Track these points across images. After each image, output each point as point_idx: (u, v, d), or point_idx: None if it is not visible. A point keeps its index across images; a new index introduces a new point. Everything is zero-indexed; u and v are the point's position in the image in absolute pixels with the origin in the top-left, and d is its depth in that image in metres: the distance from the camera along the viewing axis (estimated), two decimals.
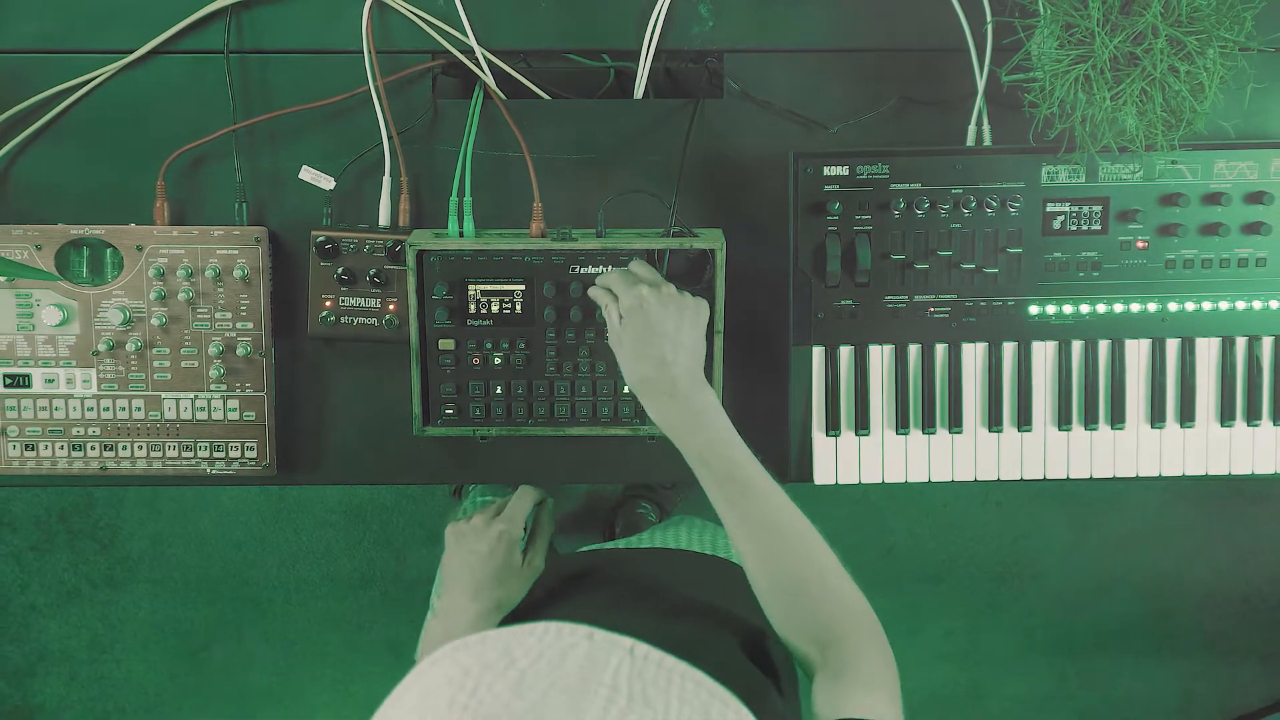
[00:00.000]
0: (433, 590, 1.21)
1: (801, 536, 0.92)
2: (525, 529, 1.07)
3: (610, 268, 1.11)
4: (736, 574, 1.16)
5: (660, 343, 0.96)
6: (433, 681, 0.56)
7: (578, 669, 0.55)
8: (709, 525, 1.37)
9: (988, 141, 1.14)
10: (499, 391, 1.14)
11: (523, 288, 1.12)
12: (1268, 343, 1.16)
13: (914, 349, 1.15)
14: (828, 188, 1.12)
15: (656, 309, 0.97)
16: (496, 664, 0.55)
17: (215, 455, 1.15)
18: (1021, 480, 1.17)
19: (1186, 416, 1.16)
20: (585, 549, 1.26)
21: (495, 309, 1.12)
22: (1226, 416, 1.17)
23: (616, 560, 1.17)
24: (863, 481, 1.17)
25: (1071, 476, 1.17)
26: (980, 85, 1.13)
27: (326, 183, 1.14)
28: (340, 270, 1.12)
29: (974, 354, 1.16)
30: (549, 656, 0.56)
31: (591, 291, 1.05)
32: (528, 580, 1.05)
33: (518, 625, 0.59)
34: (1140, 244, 1.13)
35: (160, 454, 1.15)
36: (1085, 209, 1.13)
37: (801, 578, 0.91)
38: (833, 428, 1.16)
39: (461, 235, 1.11)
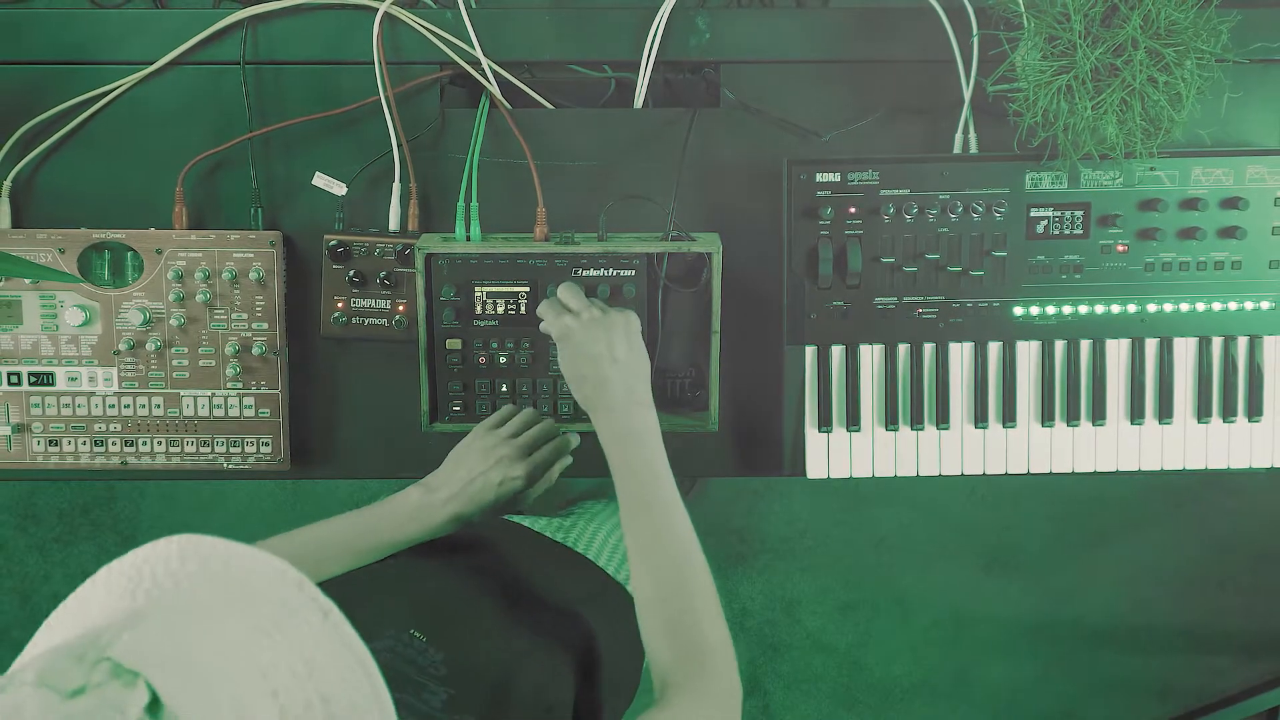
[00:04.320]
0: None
1: (686, 572, 0.89)
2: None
3: (611, 270, 1.11)
4: (624, 610, 1.12)
5: (594, 364, 0.97)
6: (158, 553, 0.56)
7: (269, 611, 0.54)
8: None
9: (974, 149, 1.14)
10: (504, 389, 1.14)
11: (527, 289, 1.12)
12: (1243, 342, 1.16)
13: (903, 348, 1.15)
14: (820, 193, 1.12)
15: (581, 335, 0.98)
16: (209, 568, 0.55)
17: (231, 450, 1.15)
18: (1006, 474, 1.17)
19: (1165, 413, 1.17)
20: (507, 518, 1.21)
21: (500, 310, 1.12)
22: (1203, 413, 1.17)
23: (521, 544, 1.12)
24: (854, 475, 1.17)
25: (1054, 471, 1.17)
26: (967, 95, 1.13)
27: (338, 188, 1.14)
28: (351, 273, 1.12)
29: (961, 353, 1.16)
30: (253, 585, 0.55)
31: (541, 328, 1.04)
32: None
33: (253, 546, 0.57)
34: (1120, 247, 1.13)
35: (179, 449, 1.15)
36: (1067, 214, 1.13)
37: (671, 609, 0.87)
38: (825, 424, 1.16)
39: (468, 239, 1.11)
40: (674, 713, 0.81)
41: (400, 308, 1.13)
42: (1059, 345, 1.16)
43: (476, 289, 1.12)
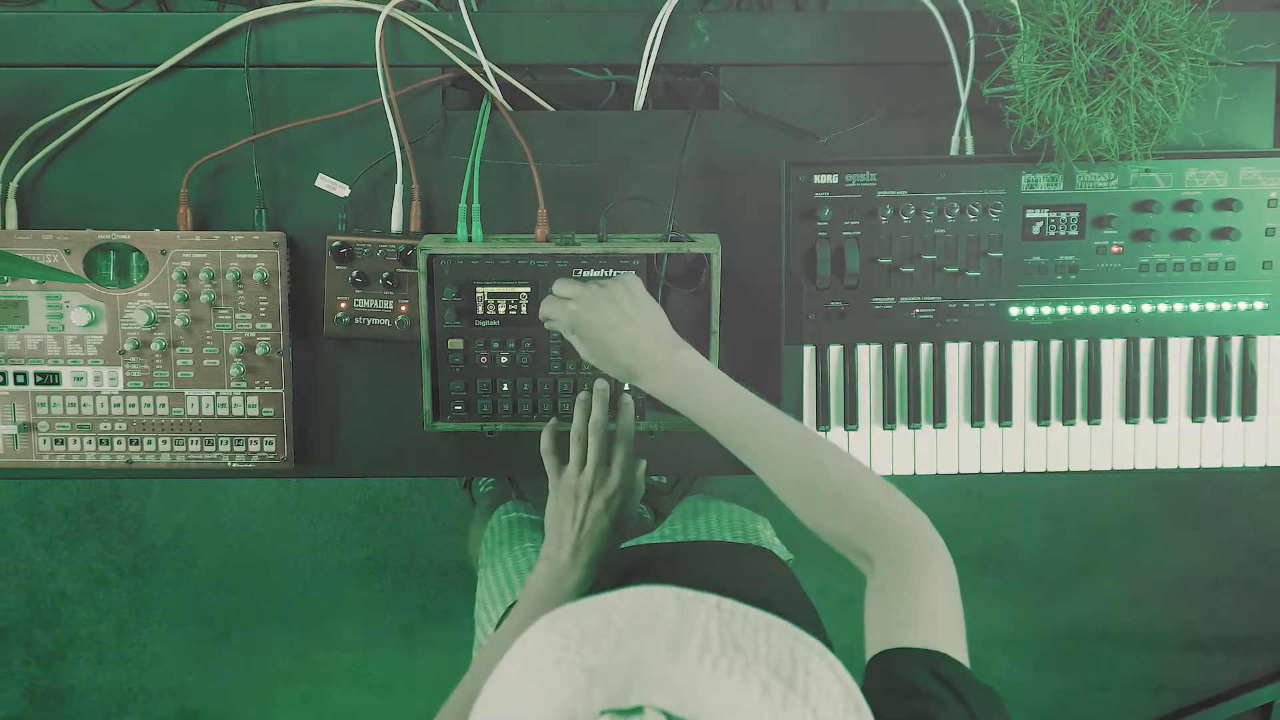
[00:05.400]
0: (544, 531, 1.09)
1: (815, 453, 0.89)
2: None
3: (611, 271, 1.11)
4: (768, 559, 1.14)
5: (618, 334, 0.97)
6: (536, 646, 0.57)
7: (672, 624, 0.56)
8: (734, 508, 1.36)
9: (970, 151, 1.14)
10: (505, 389, 1.14)
11: (528, 290, 1.12)
12: (1236, 342, 1.16)
13: (900, 348, 1.15)
14: (818, 195, 1.12)
15: (592, 314, 0.98)
16: (594, 626, 0.57)
17: (235, 449, 1.15)
18: (1002, 473, 1.17)
19: (1159, 412, 1.16)
20: (623, 545, 1.25)
21: (502, 310, 1.12)
22: (1197, 412, 1.17)
23: (658, 557, 1.15)
24: None
25: (1050, 469, 1.17)
26: (963, 97, 1.13)
27: (341, 190, 1.14)
28: (354, 273, 1.12)
29: (957, 353, 1.16)
30: (643, 616, 0.57)
31: (548, 326, 1.05)
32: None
33: (609, 593, 0.59)
34: (1115, 248, 1.13)
35: (183, 448, 1.15)
36: (1063, 215, 1.13)
37: (825, 490, 0.87)
38: (823, 423, 1.16)
39: (470, 240, 1.11)
40: (899, 564, 0.81)
41: (402, 308, 1.13)
42: (1054, 345, 1.16)
43: (478, 289, 1.12)
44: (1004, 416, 1.16)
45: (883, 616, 0.79)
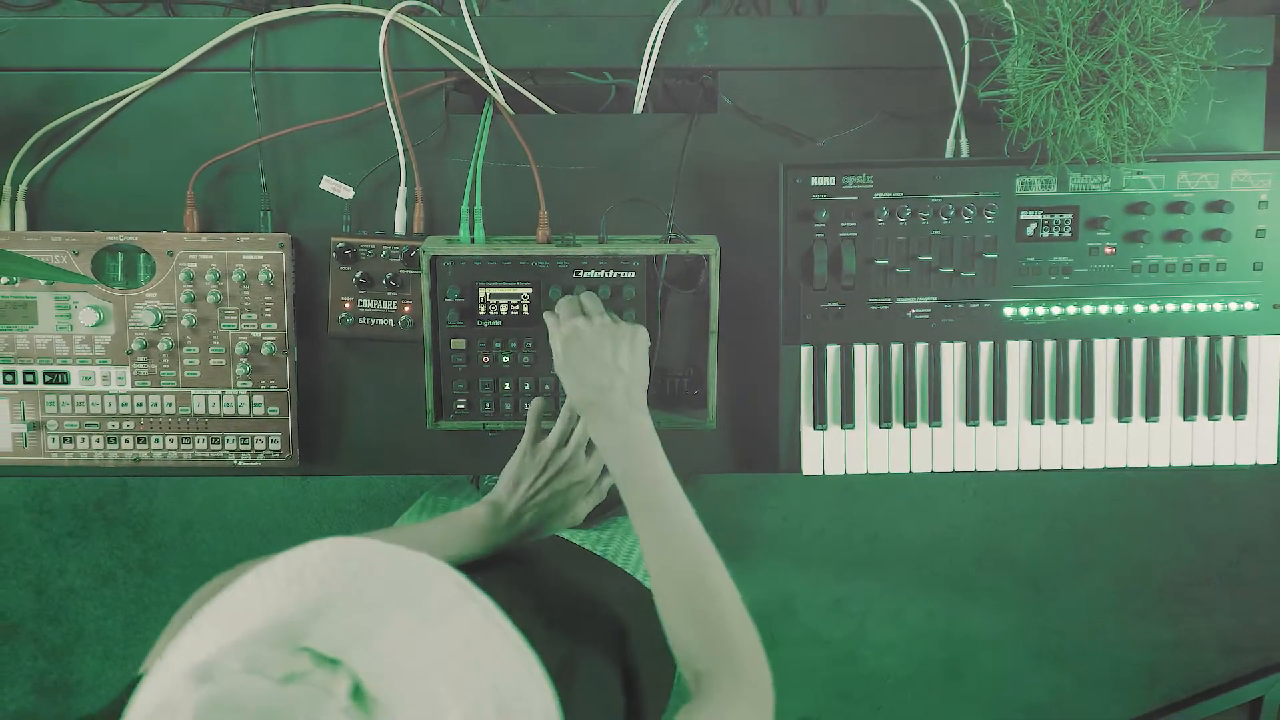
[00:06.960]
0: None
1: (706, 565, 0.89)
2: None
3: (611, 272, 1.11)
4: (643, 596, 1.10)
5: (597, 369, 0.96)
6: (313, 554, 0.56)
7: (436, 602, 0.55)
8: None
9: (965, 154, 1.14)
10: (507, 388, 1.14)
11: (529, 290, 1.12)
12: (1227, 342, 1.16)
13: (896, 348, 1.16)
14: (815, 197, 1.12)
15: (591, 338, 0.98)
16: (373, 564, 0.56)
17: (241, 447, 1.16)
18: (997, 471, 1.17)
19: (1151, 411, 1.17)
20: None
21: (504, 310, 1.12)
22: (1189, 411, 1.17)
23: (558, 552, 1.14)
24: (848, 472, 1.17)
25: (1044, 467, 1.17)
26: (958, 101, 1.13)
27: (346, 192, 1.14)
28: (359, 274, 1.12)
29: (952, 353, 1.16)
30: (417, 585, 0.56)
31: (546, 316, 1.04)
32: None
33: (411, 551, 0.58)
34: (1108, 250, 1.14)
35: (190, 446, 1.15)
36: (1056, 217, 1.13)
37: (693, 600, 0.88)
38: (820, 422, 1.16)
39: (472, 241, 1.11)
40: (718, 700, 0.81)
41: (406, 308, 1.13)
42: (1048, 345, 1.16)
43: (480, 290, 1.12)
44: (999, 415, 1.16)
45: None
